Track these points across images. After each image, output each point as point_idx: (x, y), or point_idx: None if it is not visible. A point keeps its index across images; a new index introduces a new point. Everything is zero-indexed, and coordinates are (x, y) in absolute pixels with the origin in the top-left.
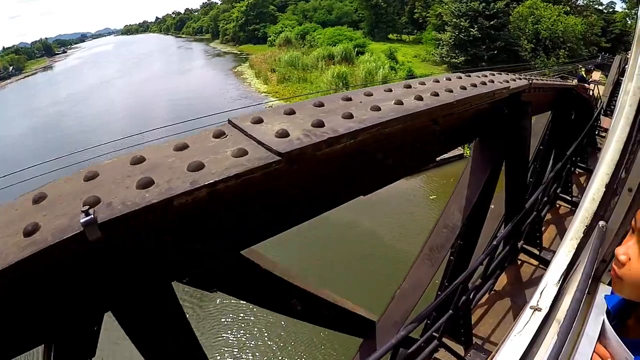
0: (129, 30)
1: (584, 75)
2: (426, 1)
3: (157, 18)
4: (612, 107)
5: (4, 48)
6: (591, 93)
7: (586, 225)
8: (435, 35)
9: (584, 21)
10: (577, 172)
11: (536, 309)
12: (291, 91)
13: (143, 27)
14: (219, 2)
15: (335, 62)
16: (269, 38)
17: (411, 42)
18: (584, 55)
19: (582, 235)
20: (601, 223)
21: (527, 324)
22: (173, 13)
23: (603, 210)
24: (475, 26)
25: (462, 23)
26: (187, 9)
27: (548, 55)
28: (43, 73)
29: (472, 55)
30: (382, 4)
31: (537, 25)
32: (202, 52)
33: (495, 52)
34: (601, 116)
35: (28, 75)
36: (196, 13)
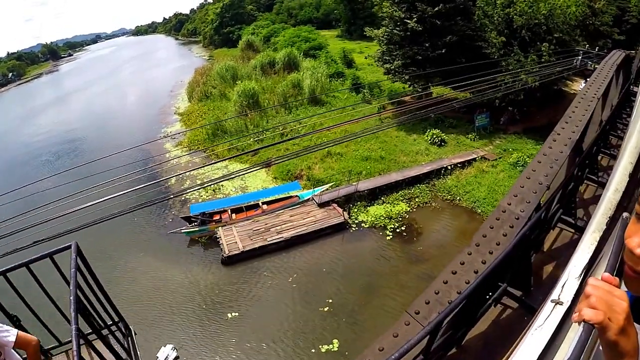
0: (139, 31)
1: None
2: None
3: (164, 19)
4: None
5: (8, 53)
6: None
7: (609, 217)
8: (370, 31)
9: (582, 1)
10: None
11: (557, 302)
12: (203, 111)
13: (152, 28)
14: (212, 2)
15: (277, 71)
16: (240, 41)
17: None
18: (581, 49)
19: (604, 227)
20: (625, 214)
21: (548, 317)
22: (176, 14)
23: (627, 200)
24: (414, 16)
25: (395, 13)
26: (191, 10)
27: (527, 52)
28: (38, 80)
29: (410, 57)
30: None
31: (508, 9)
32: (176, 57)
33: (444, 51)
34: None
35: (26, 82)
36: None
